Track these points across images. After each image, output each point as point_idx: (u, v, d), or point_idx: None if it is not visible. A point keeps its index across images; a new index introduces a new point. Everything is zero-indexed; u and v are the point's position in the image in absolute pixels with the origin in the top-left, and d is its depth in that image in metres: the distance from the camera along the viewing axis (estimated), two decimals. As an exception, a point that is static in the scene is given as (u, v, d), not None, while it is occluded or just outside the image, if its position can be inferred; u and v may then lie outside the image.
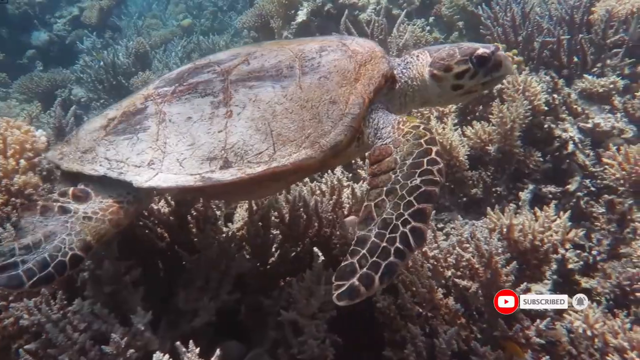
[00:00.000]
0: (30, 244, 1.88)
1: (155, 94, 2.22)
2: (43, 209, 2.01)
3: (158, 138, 2.09)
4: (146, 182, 2.02)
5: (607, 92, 4.90)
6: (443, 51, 2.29)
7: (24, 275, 1.79)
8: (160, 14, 20.34)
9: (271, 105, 2.07)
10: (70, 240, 1.91)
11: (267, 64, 2.19)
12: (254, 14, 10.14)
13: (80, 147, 2.19)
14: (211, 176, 1.99)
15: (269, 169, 1.99)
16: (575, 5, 5.84)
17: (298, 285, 2.46)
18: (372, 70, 2.18)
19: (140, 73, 8.94)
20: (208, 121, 2.08)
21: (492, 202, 4.15)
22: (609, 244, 3.30)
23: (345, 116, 2.06)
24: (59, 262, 1.85)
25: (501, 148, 4.08)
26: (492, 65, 2.20)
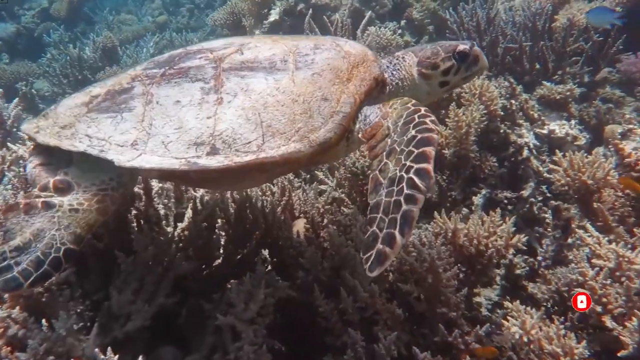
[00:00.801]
0: (20, 245, 1.85)
1: (143, 75, 2.18)
2: (26, 207, 1.95)
3: (144, 119, 2.05)
4: (128, 161, 1.98)
5: (564, 100, 4.97)
6: (427, 50, 2.37)
7: (20, 276, 1.77)
8: (136, 10, 20.04)
9: (263, 96, 2.06)
10: (60, 235, 1.88)
11: (261, 55, 2.19)
12: (226, 11, 10.06)
13: (59, 122, 2.11)
14: (197, 161, 1.97)
15: (257, 159, 1.98)
16: (537, 12, 5.92)
17: (237, 289, 2.43)
18: (364, 73, 2.22)
19: (107, 68, 8.77)
20: (197, 106, 2.05)
21: (447, 206, 4.17)
22: (553, 250, 3.35)
23: (336, 114, 2.08)
24: (53, 258, 1.83)
25: (457, 152, 4.10)
26: (471, 60, 2.31)
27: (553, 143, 4.79)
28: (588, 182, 3.03)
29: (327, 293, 2.67)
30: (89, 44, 9.34)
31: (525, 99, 4.66)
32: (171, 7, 19.86)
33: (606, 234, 2.94)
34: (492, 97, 4.22)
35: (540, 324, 2.55)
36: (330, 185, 4.18)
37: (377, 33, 7.80)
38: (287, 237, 2.84)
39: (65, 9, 11.81)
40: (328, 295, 2.66)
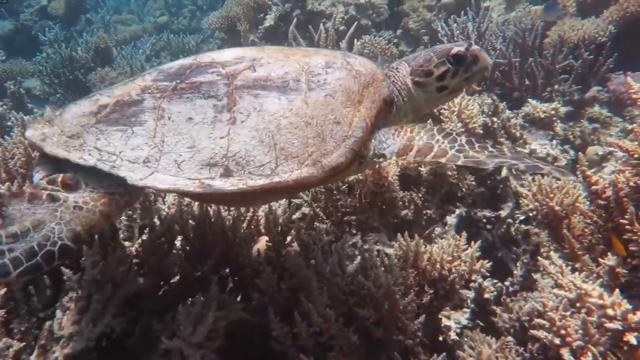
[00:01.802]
0: (17, 232, 1.79)
1: (153, 87, 2.12)
2: (31, 197, 1.91)
3: (155, 135, 2.01)
4: (141, 180, 1.94)
5: (549, 118, 4.91)
6: (420, 58, 2.37)
7: (10, 264, 1.71)
8: (137, 10, 20.08)
9: (276, 118, 2.03)
10: (59, 229, 1.83)
11: (274, 74, 2.14)
12: (222, 15, 10.04)
13: (66, 131, 2.06)
14: (211, 184, 1.94)
15: (271, 183, 1.96)
16: (527, 28, 5.87)
17: (186, 311, 2.37)
18: (374, 94, 2.20)
19: (99, 69, 8.74)
20: (210, 125, 2.01)
21: (422, 224, 4.11)
22: (522, 275, 3.28)
23: (348, 138, 2.06)
24: (47, 251, 1.77)
25: (433, 170, 4.03)
26: (470, 60, 2.29)
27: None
28: (556, 208, 2.96)
29: (284, 316, 2.62)
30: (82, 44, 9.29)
31: (508, 117, 4.59)
32: (173, 8, 19.89)
33: (573, 262, 2.88)
34: (472, 114, 4.16)
35: (498, 354, 2.48)
36: (305, 199, 4.12)
37: (371, 42, 7.77)
38: (246, 255, 2.78)
39: (63, 7, 11.78)
40: (284, 319, 2.61)
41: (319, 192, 4.09)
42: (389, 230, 4.04)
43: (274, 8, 10.07)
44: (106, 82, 8.49)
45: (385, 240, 3.90)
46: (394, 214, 4.05)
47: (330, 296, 2.68)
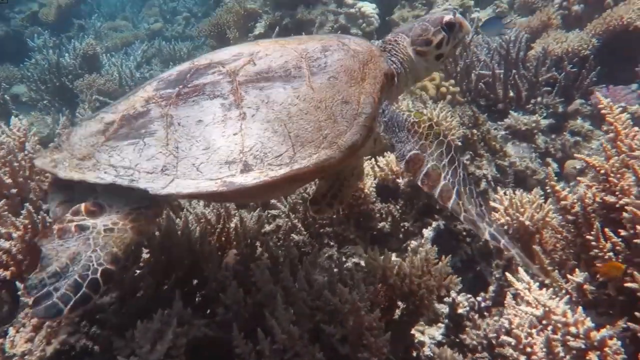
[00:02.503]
0: (57, 271, 1.81)
1: (157, 97, 2.12)
2: (60, 232, 1.91)
3: (168, 142, 2.00)
4: (163, 188, 1.93)
5: (530, 131, 4.90)
6: (416, 29, 2.45)
7: (60, 301, 1.73)
8: (132, 17, 20.09)
9: (285, 107, 2.04)
10: (97, 256, 1.85)
11: (274, 64, 2.15)
12: (212, 23, 10.06)
13: (76, 154, 2.05)
14: (233, 180, 1.94)
15: (292, 170, 1.97)
16: (511, 40, 5.88)
17: (145, 327, 2.32)
18: (374, 70, 2.24)
19: (86, 76, 8.71)
20: (221, 124, 2.01)
21: (400, 236, 4.09)
22: (494, 291, 3.25)
23: (359, 115, 2.10)
24: (91, 280, 1.79)
25: (411, 182, 4.01)
26: (457, 28, 2.42)
27: (518, 175, 4.72)
28: (526, 223, 2.94)
29: (249, 332, 2.57)
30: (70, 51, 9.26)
31: (488, 129, 4.57)
32: (168, 15, 19.90)
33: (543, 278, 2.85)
34: (450, 126, 4.15)
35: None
36: (283, 210, 4.08)
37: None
38: (212, 269, 2.73)
39: (54, 13, 11.76)
40: (250, 335, 2.56)
41: (297, 203, 4.06)
42: (365, 243, 4.01)
43: (265, 16, 10.10)
44: (93, 89, 8.45)
45: (362, 252, 3.87)
46: (370, 226, 4.02)
47: (296, 312, 2.63)
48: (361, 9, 10.01)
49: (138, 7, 21.99)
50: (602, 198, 2.56)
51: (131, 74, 9.64)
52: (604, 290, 2.56)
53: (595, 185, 2.64)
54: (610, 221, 2.60)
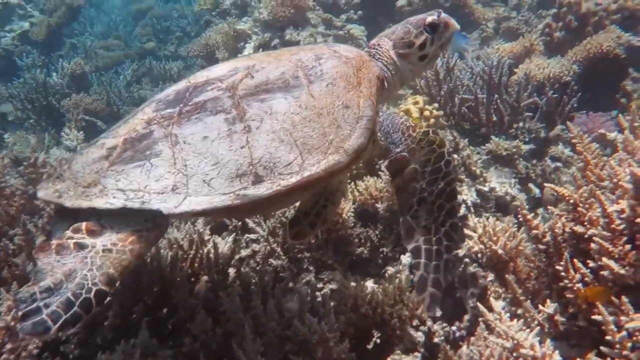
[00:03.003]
0: (51, 286, 1.74)
1: (158, 117, 2.11)
2: (58, 248, 1.86)
3: (175, 161, 2.00)
4: (176, 207, 1.93)
5: (511, 156, 4.93)
6: (399, 32, 2.50)
7: (49, 319, 1.65)
8: (125, 35, 20.16)
9: (289, 116, 2.08)
10: (92, 275, 1.78)
11: (272, 76, 2.19)
12: (201, 43, 10.14)
13: (80, 182, 2.02)
14: (246, 193, 1.96)
15: (303, 178, 2.01)
16: (494, 65, 5.94)
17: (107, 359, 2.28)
18: (368, 74, 2.30)
19: (73, 95, 8.71)
20: (227, 138, 2.03)
21: (378, 262, 4.06)
22: (469, 320, 3.23)
23: (361, 119, 2.15)
24: (84, 299, 1.72)
25: (390, 207, 4.00)
26: (442, 27, 2.46)
27: (499, 201, 4.72)
28: (499, 252, 2.93)
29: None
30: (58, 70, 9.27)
31: (469, 154, 4.59)
32: (161, 34, 19.98)
33: (515, 308, 2.83)
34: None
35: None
36: (262, 234, 4.06)
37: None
38: (182, 296, 2.70)
39: (44, 32, 11.79)
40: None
41: (276, 227, 4.04)
42: (344, 268, 3.99)
43: (254, 37, 10.20)
44: (80, 108, 8.44)
45: (339, 278, 3.84)
46: (349, 251, 4.00)
47: (266, 341, 2.59)
48: (350, 31, 10.15)
49: (131, 26, 22.10)
50: (572, 228, 2.55)
51: (119, 92, 9.66)
52: (575, 321, 2.54)
53: (565, 214, 2.63)
54: (580, 251, 2.60)
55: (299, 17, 9.91)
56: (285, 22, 9.79)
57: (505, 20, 9.26)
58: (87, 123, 8.02)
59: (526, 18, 8.54)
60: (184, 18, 19.75)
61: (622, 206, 2.19)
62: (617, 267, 2.21)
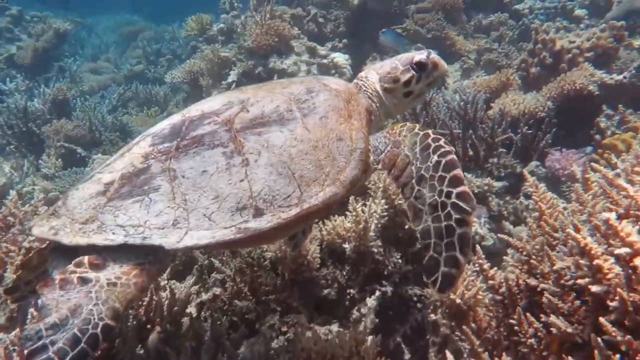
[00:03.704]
0: (57, 322, 1.72)
1: (155, 152, 2.12)
2: (62, 283, 1.84)
3: (175, 196, 2.00)
4: (178, 242, 1.92)
5: (483, 194, 4.93)
6: (386, 66, 2.55)
7: (56, 357, 1.64)
8: (115, 58, 20.28)
9: (285, 149, 2.10)
10: (98, 310, 1.77)
11: (267, 109, 2.22)
12: (185, 70, 10.18)
13: (77, 218, 1.99)
14: (247, 226, 1.97)
15: (302, 210, 2.03)
16: (469, 100, 5.99)
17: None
18: (357, 106, 2.36)
19: (54, 121, 8.67)
20: (226, 172, 2.04)
21: (346, 304, 4.00)
22: (429, 371, 3.18)
23: (354, 151, 2.18)
24: (90, 335, 1.71)
25: (356, 247, 3.96)
26: (430, 67, 2.48)
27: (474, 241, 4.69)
28: (457, 301, 2.90)
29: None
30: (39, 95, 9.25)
31: (439, 193, 4.57)
32: (152, 57, 20.10)
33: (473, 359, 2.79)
34: (398, 192, 4.14)
35: None
36: (229, 274, 4.00)
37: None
38: (127, 350, 2.63)
39: (30, 56, 11.80)
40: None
41: (243, 267, 3.99)
42: (310, 311, 3.92)
43: (238, 64, 10.25)
44: (61, 134, 8.39)
45: (304, 322, 3.77)
46: (315, 293, 3.94)
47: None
48: (334, 59, 10.24)
49: (122, 48, 22.26)
50: (525, 280, 2.53)
51: (103, 118, 9.63)
52: (529, 377, 2.50)
53: (519, 265, 2.62)
54: (535, 304, 2.57)
55: (282, 45, 10.01)
56: (269, 50, 9.87)
57: (486, 51, 9.39)
58: (67, 150, 7.96)
59: (506, 51, 8.66)
60: (175, 40, 19.93)
61: (567, 263, 2.17)
62: (564, 325, 2.18)
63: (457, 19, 10.22)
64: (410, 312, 4.25)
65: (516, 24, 9.97)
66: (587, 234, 2.05)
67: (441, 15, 9.96)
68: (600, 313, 2.02)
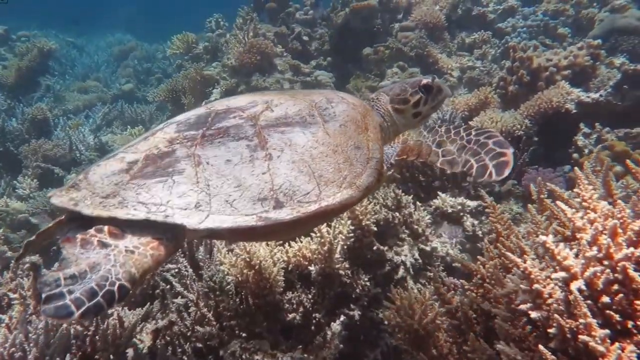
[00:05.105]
0: (75, 274, 1.76)
1: (181, 137, 2.19)
2: (83, 242, 1.88)
3: (198, 180, 2.05)
4: (200, 223, 1.96)
5: (457, 213, 4.84)
6: (395, 89, 2.74)
7: (72, 304, 1.67)
8: (106, 77, 20.24)
9: (307, 149, 2.19)
10: (116, 271, 1.81)
11: (290, 111, 2.32)
12: (167, 89, 10.14)
13: (98, 192, 2.03)
14: (268, 216, 2.02)
15: (320, 207, 2.10)
16: (445, 118, 5.95)
17: None
18: (372, 121, 2.49)
19: (33, 141, 8.57)
20: (249, 164, 2.11)
21: (312, 329, 3.88)
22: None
23: (370, 160, 2.30)
24: (107, 291, 1.74)
25: (322, 270, 3.86)
26: (435, 91, 2.68)
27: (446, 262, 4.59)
28: (415, 326, 2.79)
29: None
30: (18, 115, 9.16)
31: (410, 212, 4.49)
32: (142, 76, 20.11)
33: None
34: (365, 211, 4.06)
35: None
36: (191, 298, 3.87)
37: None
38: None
39: (14, 75, 11.75)
40: None
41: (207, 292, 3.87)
42: (274, 336, 3.79)
43: (222, 82, 10.23)
44: (39, 154, 8.29)
45: (267, 348, 3.65)
46: (280, 318, 3.82)
47: None
48: (317, 77, 10.24)
49: (113, 67, 22.25)
50: (479, 305, 2.43)
51: (84, 137, 9.55)
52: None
53: (474, 289, 2.52)
54: (491, 329, 2.47)
55: (265, 63, 10.00)
56: (252, 68, 9.86)
57: (469, 69, 9.40)
58: (43, 170, 7.85)
59: (488, 69, 8.66)
60: (166, 59, 19.95)
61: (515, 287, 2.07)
62: (513, 352, 2.07)
63: (440, 37, 10.26)
64: (380, 336, 4.14)
65: (499, 42, 10.01)
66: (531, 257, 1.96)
67: (424, 34, 9.98)
68: (547, 339, 1.92)
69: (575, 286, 1.60)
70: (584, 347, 1.61)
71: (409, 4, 10.89)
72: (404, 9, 10.87)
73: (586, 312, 1.57)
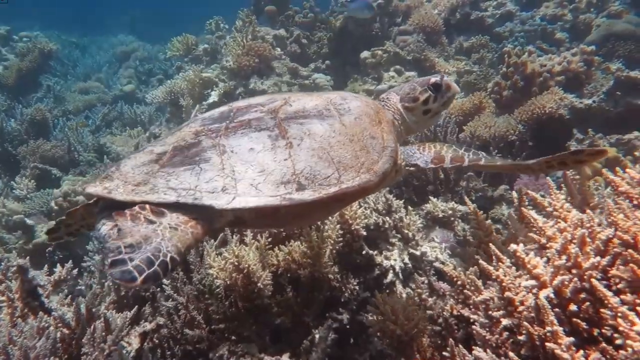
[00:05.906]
0: (133, 243, 1.89)
1: (206, 130, 2.36)
2: (132, 217, 2.01)
3: (224, 167, 2.18)
4: (228, 204, 2.09)
5: (447, 218, 4.87)
6: (405, 88, 2.89)
7: (135, 271, 1.79)
8: (107, 78, 20.30)
9: (325, 138, 2.32)
10: (165, 244, 1.93)
11: (308, 106, 2.48)
12: (165, 91, 10.17)
13: (130, 181, 2.18)
14: (292, 197, 2.14)
15: (341, 189, 2.22)
16: (439, 124, 5.97)
17: None
18: (385, 117, 2.65)
19: (31, 141, 8.61)
20: (271, 151, 2.24)
21: (300, 333, 3.90)
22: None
23: (385, 149, 2.44)
24: (162, 261, 1.87)
25: (311, 274, 3.88)
26: (444, 88, 2.81)
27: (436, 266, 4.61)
28: (397, 332, 2.82)
29: None
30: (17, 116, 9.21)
31: (401, 217, 4.51)
32: (144, 77, 20.16)
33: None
34: (355, 216, 4.09)
35: None
36: (181, 301, 3.90)
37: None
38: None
39: (14, 76, 11.80)
40: None
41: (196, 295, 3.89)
42: (262, 340, 3.82)
43: (220, 85, 10.27)
44: (37, 155, 8.34)
45: (255, 351, 3.68)
46: (268, 321, 3.84)
47: None
48: (315, 80, 10.28)
49: (115, 68, 22.31)
50: (460, 311, 2.46)
51: (82, 138, 9.59)
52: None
53: (455, 295, 2.55)
54: (470, 335, 2.50)
55: (263, 65, 10.04)
56: (250, 71, 9.89)
57: (466, 73, 9.42)
58: (41, 171, 7.90)
59: (484, 73, 8.69)
60: (168, 61, 19.98)
61: (491, 294, 2.10)
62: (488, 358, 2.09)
63: (437, 41, 10.29)
64: (369, 340, 4.16)
65: (497, 47, 10.03)
66: (506, 265, 1.99)
67: (422, 38, 10.02)
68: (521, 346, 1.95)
69: (543, 294, 1.63)
70: (551, 354, 1.64)
71: (408, 8, 10.93)
72: (402, 12, 10.90)
73: (553, 320, 1.60)
